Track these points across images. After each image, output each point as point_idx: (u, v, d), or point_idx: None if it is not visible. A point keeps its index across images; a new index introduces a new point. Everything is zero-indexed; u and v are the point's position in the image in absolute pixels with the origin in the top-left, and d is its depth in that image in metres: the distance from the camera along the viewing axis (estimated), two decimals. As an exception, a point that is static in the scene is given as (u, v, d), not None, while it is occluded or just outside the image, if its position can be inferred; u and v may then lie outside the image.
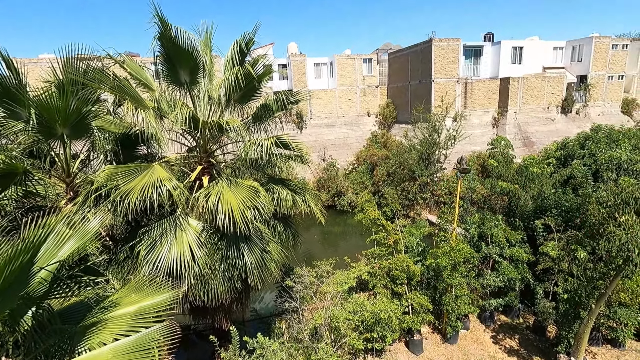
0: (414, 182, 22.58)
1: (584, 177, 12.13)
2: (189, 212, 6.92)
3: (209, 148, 7.72)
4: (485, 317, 11.64)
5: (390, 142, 29.94)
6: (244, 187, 6.76)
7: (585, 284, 8.72)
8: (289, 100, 7.84)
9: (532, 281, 11.17)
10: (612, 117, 31.53)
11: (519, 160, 17.08)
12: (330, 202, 24.81)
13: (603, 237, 8.08)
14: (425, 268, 11.17)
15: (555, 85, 30.03)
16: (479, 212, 13.47)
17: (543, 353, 10.26)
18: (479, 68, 31.46)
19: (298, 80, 32.28)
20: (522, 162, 14.24)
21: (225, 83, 6.69)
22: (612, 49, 31.39)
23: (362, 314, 8.77)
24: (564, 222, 11.40)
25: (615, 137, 13.33)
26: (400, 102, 32.63)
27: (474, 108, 29.36)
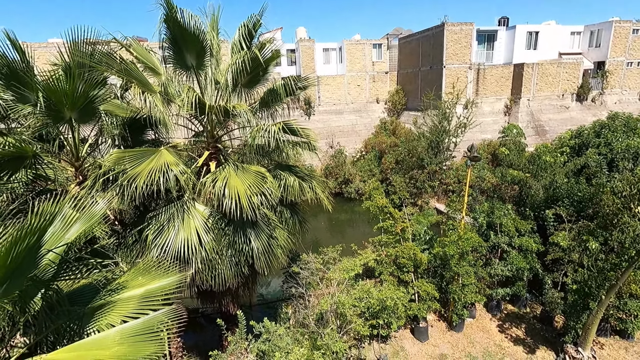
0: (422, 170, 22.35)
1: (599, 167, 11.83)
2: (196, 197, 6.93)
3: (216, 133, 7.67)
4: (492, 306, 11.60)
5: (399, 129, 29.57)
6: (250, 173, 6.73)
7: (596, 275, 8.59)
8: (296, 85, 7.70)
9: (540, 271, 11.05)
10: (630, 105, 30.59)
11: (531, 148, 16.73)
12: (337, 189, 24.76)
13: (617, 228, 7.91)
14: (432, 256, 11.13)
15: (571, 72, 29.14)
16: (488, 201, 13.29)
17: (549, 343, 10.23)
18: (492, 54, 30.62)
19: (306, 65, 31.86)
20: (534, 151, 13.94)
21: (232, 67, 6.58)
22: (632, 34, 30.20)
23: (368, 301, 8.80)
24: (575, 212, 11.19)
25: (633, 126, 12.92)
26: (410, 89, 32.06)
27: (485, 95, 28.72)
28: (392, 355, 10.05)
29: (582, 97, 30.00)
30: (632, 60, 30.86)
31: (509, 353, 10.07)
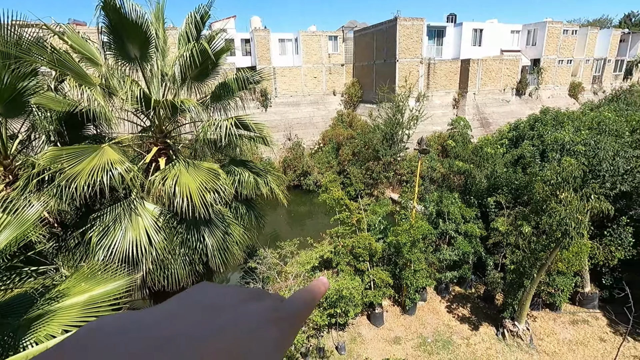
0: (378, 161, 23.04)
1: (533, 157, 12.98)
2: (145, 195, 6.63)
3: (164, 128, 7.35)
4: (441, 289, 12.41)
5: (356, 121, 30.11)
6: (202, 170, 6.56)
7: (529, 256, 9.50)
8: (250, 79, 7.58)
9: (483, 254, 12.00)
10: (560, 99, 33.60)
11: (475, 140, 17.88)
12: (296, 181, 24.82)
13: (546, 213, 8.78)
14: (386, 245, 11.62)
15: (512, 68, 31.32)
16: (437, 191, 14.09)
17: (491, 319, 11.19)
18: (442, 49, 32.00)
19: (262, 56, 31.22)
20: (477, 143, 14.93)
21: (179, 60, 6.32)
22: (563, 34, 33.05)
23: (325, 292, 9.03)
24: (513, 199, 12.22)
25: (561, 120, 14.28)
26: (366, 82, 32.66)
27: (436, 89, 30.04)
28: (350, 341, 10.43)
29: (521, 91, 32.44)
30: (562, 58, 33.82)
31: (456, 331, 10.87)
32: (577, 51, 34.91)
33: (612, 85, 37.65)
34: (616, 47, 37.58)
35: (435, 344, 10.33)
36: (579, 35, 34.37)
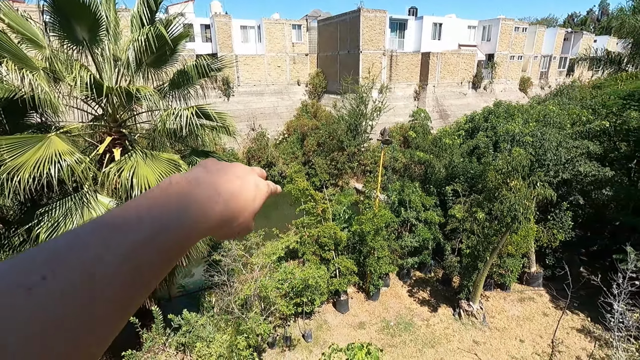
0: (342, 152, 23.31)
1: (486, 148, 13.75)
2: (99, 189, 6.27)
3: (119, 117, 6.95)
4: (403, 274, 12.93)
5: (320, 112, 30.16)
6: (162, 161, 6.30)
7: (483, 240, 10.14)
8: (211, 66, 7.32)
9: (442, 240, 12.63)
10: (511, 93, 35.71)
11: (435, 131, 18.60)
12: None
13: (497, 200, 9.38)
14: (351, 234, 11.88)
15: (468, 62, 32.74)
16: (399, 180, 14.56)
17: (449, 300, 11.86)
18: (404, 42, 32.71)
19: (223, 43, 30.17)
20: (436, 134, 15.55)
21: (134, 45, 5.96)
22: (514, 31, 34.97)
23: (291, 281, 9.09)
24: (469, 188, 12.92)
25: (512, 112, 15.20)
26: (330, 72, 32.70)
27: (398, 81, 30.74)
28: (316, 329, 10.63)
29: (477, 85, 34.07)
30: (514, 54, 35.86)
31: (417, 313, 11.42)
32: (527, 48, 37.14)
33: (557, 80, 40.57)
34: (561, 45, 40.44)
35: (398, 326, 10.79)
36: (528, 33, 36.54)
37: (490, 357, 9.64)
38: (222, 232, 0.47)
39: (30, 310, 0.28)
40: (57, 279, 0.30)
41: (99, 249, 0.33)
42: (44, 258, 0.32)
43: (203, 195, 0.44)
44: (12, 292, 0.28)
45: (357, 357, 5.46)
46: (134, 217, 0.38)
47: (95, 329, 0.32)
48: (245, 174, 0.53)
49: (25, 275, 0.30)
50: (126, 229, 0.36)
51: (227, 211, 0.46)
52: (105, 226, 0.36)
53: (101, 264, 0.33)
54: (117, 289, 0.33)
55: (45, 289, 0.29)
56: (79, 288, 0.31)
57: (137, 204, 0.40)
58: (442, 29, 33.33)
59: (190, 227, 0.41)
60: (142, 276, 0.35)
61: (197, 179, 0.46)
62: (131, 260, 0.34)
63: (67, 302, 0.30)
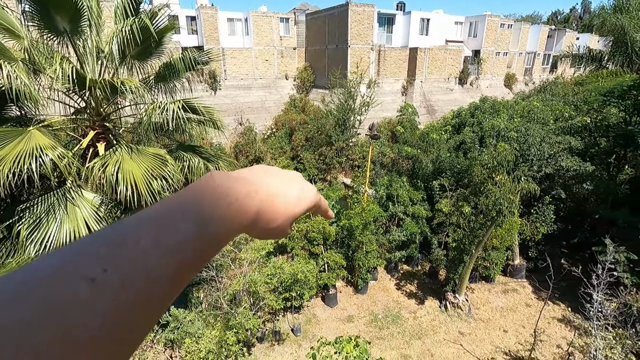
0: (331, 146, 23.30)
1: (472, 143, 13.96)
2: (83, 184, 6.11)
3: (102, 111, 6.76)
4: (391, 268, 13.10)
5: (309, 106, 30.02)
6: (148, 156, 6.18)
7: (469, 234, 10.34)
8: (197, 60, 7.19)
9: (429, 234, 12.82)
10: (497, 89, 36.25)
11: (422, 126, 18.77)
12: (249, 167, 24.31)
13: (483, 194, 9.56)
14: (339, 228, 11.94)
15: (455, 58, 33.04)
16: (387, 175, 14.67)
17: (435, 293, 12.08)
18: (392, 37, 32.74)
19: (210, 36, 29.64)
20: (424, 129, 15.69)
21: (117, 36, 5.80)
22: (500, 27, 35.41)
23: (280, 276, 9.10)
24: (455, 182, 13.12)
25: (497, 108, 15.45)
26: (318, 66, 32.53)
27: (386, 76, 30.81)
28: (305, 322, 10.69)
29: (463, 81, 34.44)
30: (499, 50, 36.35)
31: (404, 306, 11.60)
32: (512, 44, 37.69)
33: (541, 77, 41.37)
34: (544, 42, 41.16)
35: (386, 319, 10.95)
36: (513, 30, 37.07)
37: (475, 348, 9.89)
38: (256, 231, 0.47)
39: (96, 299, 0.28)
40: (117, 271, 0.30)
41: (150, 244, 0.33)
42: (102, 250, 0.32)
43: (242, 191, 0.44)
44: (76, 281, 0.28)
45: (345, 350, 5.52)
46: (178, 212, 0.37)
47: (149, 322, 0.33)
48: (294, 179, 0.53)
49: (86, 266, 0.30)
50: (172, 225, 0.36)
51: (263, 211, 0.46)
52: (152, 220, 0.36)
53: (152, 258, 0.33)
54: (165, 284, 0.33)
55: (107, 281, 0.29)
56: (136, 281, 0.31)
57: (181, 198, 0.40)
58: (430, 25, 33.49)
59: (230, 222, 0.41)
60: (184, 272, 0.36)
61: (238, 176, 0.46)
62: (177, 256, 0.35)
63: (127, 294, 0.30)
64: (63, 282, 0.28)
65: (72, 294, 0.28)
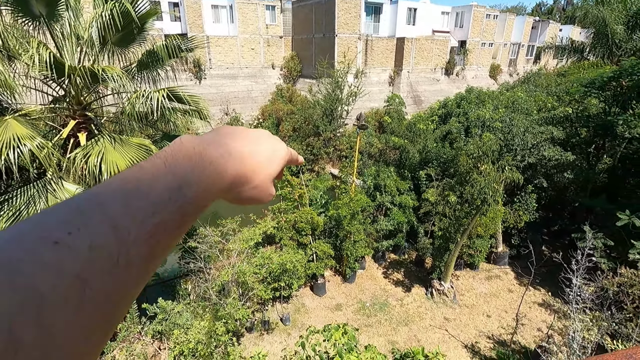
0: (318, 137, 23.24)
1: (458, 133, 14.13)
2: (64, 175, 5.95)
3: (83, 100, 6.55)
4: (378, 257, 13.27)
5: (296, 96, 29.78)
6: (132, 146, 6.04)
7: (454, 222, 10.53)
8: (181, 47, 7.01)
9: (415, 223, 13.00)
10: (482, 80, 36.66)
11: (409, 117, 18.86)
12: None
13: (469, 183, 9.73)
14: (327, 218, 12.00)
15: (442, 48, 33.17)
16: (375, 165, 14.75)
17: (421, 281, 12.32)
18: (379, 26, 32.57)
19: (193, 23, 28.88)
20: (411, 119, 15.79)
21: (97, 21, 5.58)
22: (486, 18, 35.64)
23: (269, 266, 9.12)
24: (442, 172, 13.29)
25: (482, 99, 15.64)
26: (305, 56, 32.18)
27: (373, 66, 30.74)
28: (294, 312, 10.78)
29: (449, 71, 34.68)
30: (485, 41, 36.65)
31: (392, 294, 11.80)
32: (497, 35, 38.03)
33: (525, 68, 41.98)
34: (529, 33, 41.67)
35: (373, 307, 11.13)
36: (499, 20, 37.36)
37: (459, 333, 10.17)
38: (234, 194, 0.47)
39: (61, 261, 0.28)
40: (82, 234, 0.29)
41: (118, 207, 0.33)
42: (65, 216, 0.31)
43: (215, 154, 0.43)
44: (37, 245, 0.28)
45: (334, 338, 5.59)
46: (149, 176, 0.37)
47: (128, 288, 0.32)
48: (262, 136, 0.53)
49: (48, 230, 0.29)
50: (144, 189, 0.35)
51: (239, 171, 0.46)
52: (119, 186, 0.35)
53: (121, 221, 0.32)
54: (141, 247, 0.33)
55: (72, 244, 0.29)
56: (106, 245, 0.30)
57: (152, 163, 0.38)
58: (417, 15, 33.42)
59: (207, 185, 0.41)
60: (162, 236, 0.35)
61: (208, 139, 0.45)
62: (151, 219, 0.34)
63: (98, 256, 0.30)
64: (25, 245, 0.28)
65: (35, 256, 0.27)
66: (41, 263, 0.27)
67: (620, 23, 17.04)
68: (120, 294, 0.31)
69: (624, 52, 17.68)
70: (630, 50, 17.47)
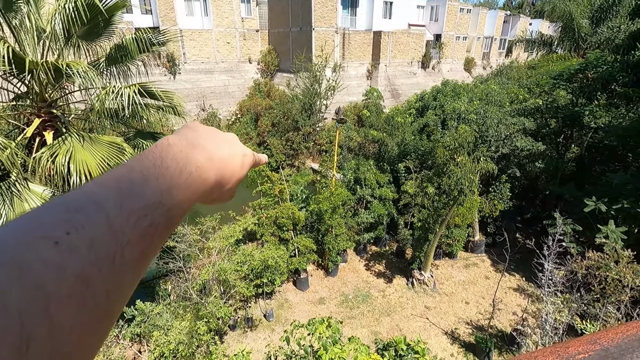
0: (297, 132, 23.12)
1: (435, 125, 14.39)
2: (30, 176, 5.66)
3: (48, 96, 6.23)
4: (360, 249, 13.41)
5: (274, 91, 29.44)
6: (103, 144, 5.80)
7: (433, 213, 10.75)
8: (152, 41, 6.76)
9: (395, 215, 13.20)
10: (457, 73, 37.40)
11: (387, 110, 19.04)
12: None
13: (446, 175, 9.94)
14: (309, 213, 11.99)
15: (418, 42, 33.56)
16: (355, 159, 14.84)
17: (402, 271, 12.56)
18: (356, 20, 32.55)
19: (165, 16, 27.94)
20: (389, 113, 15.94)
21: (60, 14, 5.30)
22: (460, 12, 36.27)
23: (250, 263, 9.04)
24: (420, 164, 13.52)
25: (458, 91, 15.96)
26: (282, 50, 31.81)
27: (351, 59, 30.76)
28: (278, 307, 10.76)
29: (426, 64, 35.17)
30: (459, 35, 37.34)
31: (374, 285, 11.98)
32: (471, 29, 38.82)
33: (497, 61, 43.12)
34: (501, 27, 42.77)
35: (356, 299, 11.26)
36: (472, 14, 38.12)
37: (440, 320, 10.46)
38: (212, 196, 0.49)
39: (64, 261, 0.29)
40: (81, 234, 0.30)
41: (113, 208, 0.34)
42: (63, 215, 0.31)
43: (200, 158, 0.45)
44: (38, 243, 0.29)
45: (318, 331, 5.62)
46: (140, 178, 0.37)
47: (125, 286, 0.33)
48: (233, 141, 0.55)
49: (48, 230, 0.30)
50: (136, 190, 0.36)
51: (219, 176, 0.48)
52: (113, 186, 0.36)
53: (117, 221, 0.33)
54: (135, 247, 0.34)
55: (72, 243, 0.30)
56: (104, 244, 0.31)
57: (141, 165, 0.39)
58: (393, 8, 33.60)
59: (193, 189, 0.42)
60: (152, 237, 0.36)
61: (192, 142, 0.47)
62: (143, 220, 0.35)
63: (97, 256, 0.31)
64: (28, 245, 0.28)
65: (38, 256, 0.28)
66: (45, 262, 0.28)
67: (585, 17, 17.74)
68: (117, 291, 0.32)
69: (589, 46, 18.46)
70: (595, 44, 18.25)
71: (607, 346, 0.49)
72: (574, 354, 0.50)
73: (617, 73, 11.72)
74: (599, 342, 0.50)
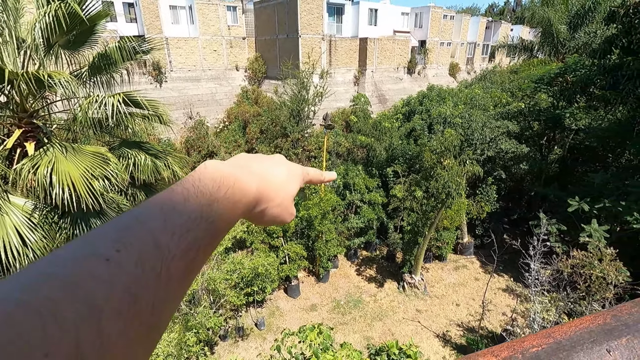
0: (286, 138, 23.11)
1: (422, 130, 14.58)
2: (10, 189, 5.51)
3: (29, 107, 6.11)
4: (351, 254, 13.42)
5: (262, 98, 29.44)
6: (86, 155, 5.70)
7: (422, 217, 10.85)
8: (137, 49, 6.71)
9: (385, 219, 13.28)
10: (442, 78, 38.03)
11: (375, 115, 19.22)
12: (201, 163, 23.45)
13: (433, 178, 10.06)
14: (299, 219, 11.95)
15: (403, 48, 34.06)
16: (343, 164, 14.90)
17: (393, 275, 12.60)
18: (342, 27, 32.91)
19: (151, 24, 27.77)
20: (376, 118, 16.10)
21: (40, 23, 5.22)
22: (443, 18, 37.02)
23: (240, 272, 8.95)
24: (408, 168, 13.66)
25: (443, 96, 16.23)
26: (269, 57, 31.90)
27: (337, 66, 31.02)
28: (269, 316, 10.66)
29: (411, 70, 35.69)
30: (443, 40, 38.06)
31: (365, 290, 11.97)
32: (455, 35, 39.63)
33: (481, 66, 44.04)
34: (483, 33, 43.79)
35: (348, 304, 11.24)
36: (455, 21, 38.95)
37: (431, 323, 10.50)
38: (258, 212, 0.50)
39: (113, 276, 0.30)
40: (129, 251, 0.32)
41: (158, 225, 0.36)
42: (112, 234, 0.33)
43: (238, 173, 0.46)
44: (93, 261, 0.30)
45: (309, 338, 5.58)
46: (181, 197, 0.39)
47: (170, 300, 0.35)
48: (280, 159, 0.57)
49: (100, 248, 0.32)
50: (178, 207, 0.38)
51: (262, 188, 0.49)
52: (157, 205, 0.38)
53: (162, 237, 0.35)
54: (179, 262, 0.35)
55: (121, 260, 0.31)
56: (150, 260, 0.33)
57: (182, 187, 0.41)
58: (378, 15, 34.10)
59: (234, 202, 0.44)
60: (196, 252, 0.38)
61: (230, 162, 0.50)
62: (187, 235, 0.37)
63: (143, 271, 0.32)
64: (81, 263, 0.30)
65: (90, 272, 0.30)
66: (96, 278, 0.30)
67: (563, 23, 18.32)
68: (163, 305, 0.34)
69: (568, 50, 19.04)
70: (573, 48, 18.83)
71: (560, 339, 0.52)
72: (528, 347, 0.52)
73: (594, 76, 12.10)
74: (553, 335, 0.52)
